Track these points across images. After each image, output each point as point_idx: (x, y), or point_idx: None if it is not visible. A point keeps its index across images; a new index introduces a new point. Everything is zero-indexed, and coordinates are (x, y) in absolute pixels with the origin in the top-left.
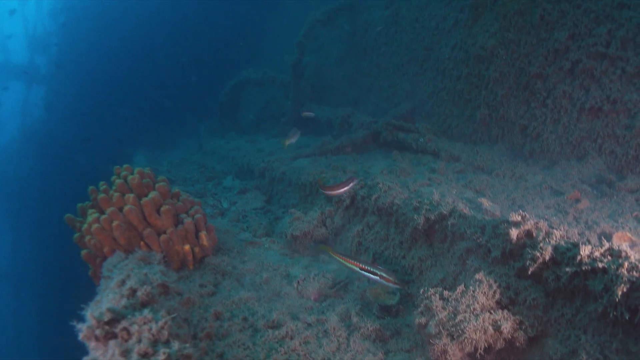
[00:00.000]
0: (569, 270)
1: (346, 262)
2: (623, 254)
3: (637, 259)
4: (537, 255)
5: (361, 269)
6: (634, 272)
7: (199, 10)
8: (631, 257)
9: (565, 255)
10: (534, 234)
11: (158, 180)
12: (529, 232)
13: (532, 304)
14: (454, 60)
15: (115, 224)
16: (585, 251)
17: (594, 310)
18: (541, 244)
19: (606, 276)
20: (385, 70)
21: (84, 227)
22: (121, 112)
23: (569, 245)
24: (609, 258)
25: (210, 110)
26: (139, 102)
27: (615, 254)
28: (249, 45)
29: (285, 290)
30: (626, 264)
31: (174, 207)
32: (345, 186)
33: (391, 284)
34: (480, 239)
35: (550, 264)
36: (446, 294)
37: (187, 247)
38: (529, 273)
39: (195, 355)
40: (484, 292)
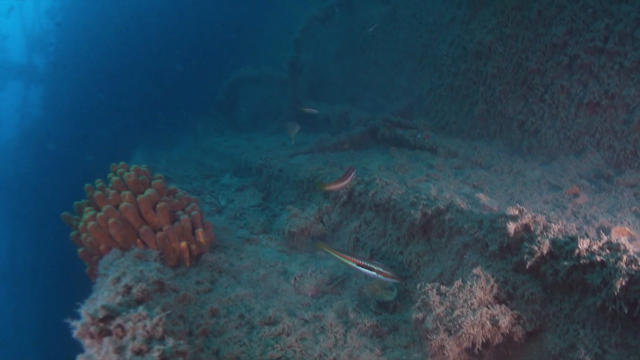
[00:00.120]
0: (567, 264)
1: (343, 258)
2: (622, 247)
3: (636, 252)
4: (535, 249)
5: (358, 264)
6: (633, 265)
7: (196, 8)
8: (630, 251)
9: (563, 249)
10: (531, 228)
11: (154, 178)
12: (526, 226)
13: (530, 298)
14: (451, 56)
15: (111, 221)
16: (583, 245)
17: (592, 304)
18: (539, 238)
19: (605, 270)
20: (382, 67)
21: (80, 224)
22: (119, 112)
23: (567, 239)
24: (608, 251)
25: (208, 108)
26: (137, 101)
27: (614, 247)
28: (248, 45)
29: (283, 287)
30: (625, 257)
31: (170, 204)
32: (346, 178)
33: (389, 278)
34: (478, 234)
35: (548, 257)
36: (443, 289)
37: (184, 244)
38: (527, 267)
39: (190, 352)
40: (482, 287)
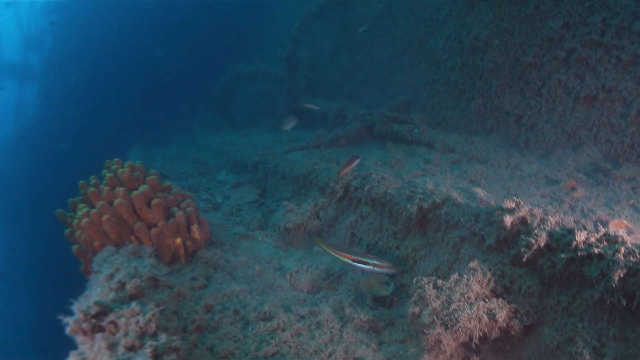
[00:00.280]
0: (565, 257)
1: (338, 255)
2: (619, 239)
3: (634, 244)
4: (532, 242)
5: (353, 260)
6: (631, 257)
7: (191, 5)
8: (627, 242)
9: (560, 242)
10: (528, 221)
11: (149, 174)
12: (523, 219)
13: (527, 291)
14: (448, 51)
15: (105, 217)
16: (580, 237)
17: (590, 297)
18: (536, 231)
19: (602, 262)
20: (379, 63)
21: (74, 222)
22: (115, 109)
23: (564, 232)
24: (605, 243)
25: (204, 105)
26: (134, 99)
27: (612, 239)
28: (244, 42)
29: (278, 283)
30: (623, 249)
31: (165, 201)
32: (353, 161)
33: (385, 269)
34: (474, 227)
35: (545, 250)
36: (440, 283)
37: (179, 241)
38: (524, 260)
39: (184, 348)
40: (478, 281)
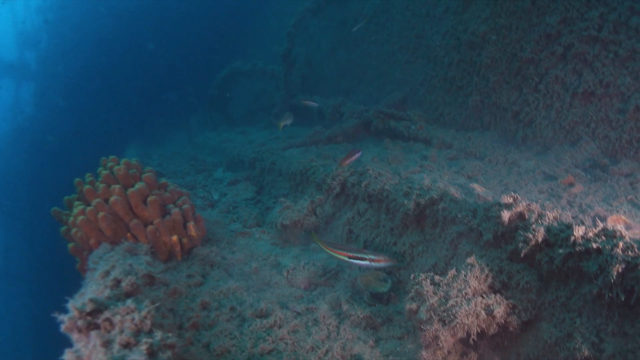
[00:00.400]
0: (563, 252)
1: (334, 253)
2: (618, 233)
3: (632, 238)
4: (530, 237)
5: (350, 257)
6: (629, 251)
7: (188, 2)
8: (626, 237)
9: (558, 237)
10: (526, 216)
11: (145, 171)
12: (521, 214)
13: (525, 287)
14: (445, 47)
15: (101, 215)
16: (578, 232)
17: (588, 292)
18: (533, 226)
19: (601, 257)
20: (376, 59)
21: (70, 219)
22: (112, 108)
23: (562, 227)
24: (603, 238)
25: (201, 103)
26: (130, 97)
27: (610, 234)
28: (241, 39)
29: (275, 280)
30: (621, 243)
31: (161, 198)
32: (350, 157)
33: (382, 263)
34: (472, 223)
35: (543, 245)
36: (437, 278)
37: (175, 238)
38: (522, 256)
39: (179, 345)
40: (476, 276)
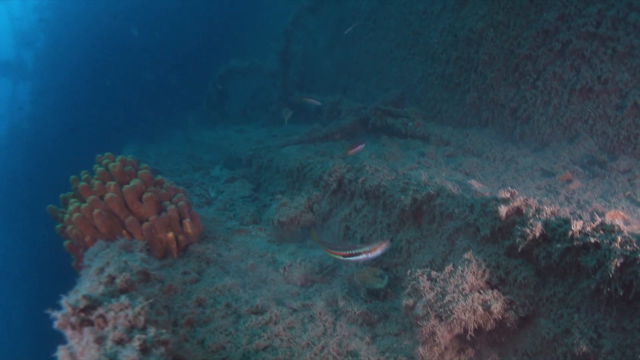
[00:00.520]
0: (560, 247)
1: (330, 253)
2: (616, 228)
3: (631, 232)
4: (527, 232)
5: (345, 256)
6: (628, 246)
7: (184, 1)
8: (624, 231)
9: (556, 232)
10: (523, 211)
11: (140, 168)
12: (518, 209)
13: (522, 282)
14: (442, 44)
15: (96, 212)
16: (576, 226)
17: (586, 288)
18: (531, 221)
19: (599, 251)
20: (373, 56)
21: (65, 217)
22: (109, 106)
23: (560, 221)
24: (602, 232)
25: (198, 101)
26: (127, 96)
27: (608, 228)
28: (238, 37)
29: (271, 277)
30: (619, 238)
31: (157, 195)
32: (355, 147)
33: (378, 250)
34: (469, 218)
35: (540, 240)
36: (434, 274)
37: (171, 235)
38: (519, 251)
39: (173, 341)
40: (473, 272)
